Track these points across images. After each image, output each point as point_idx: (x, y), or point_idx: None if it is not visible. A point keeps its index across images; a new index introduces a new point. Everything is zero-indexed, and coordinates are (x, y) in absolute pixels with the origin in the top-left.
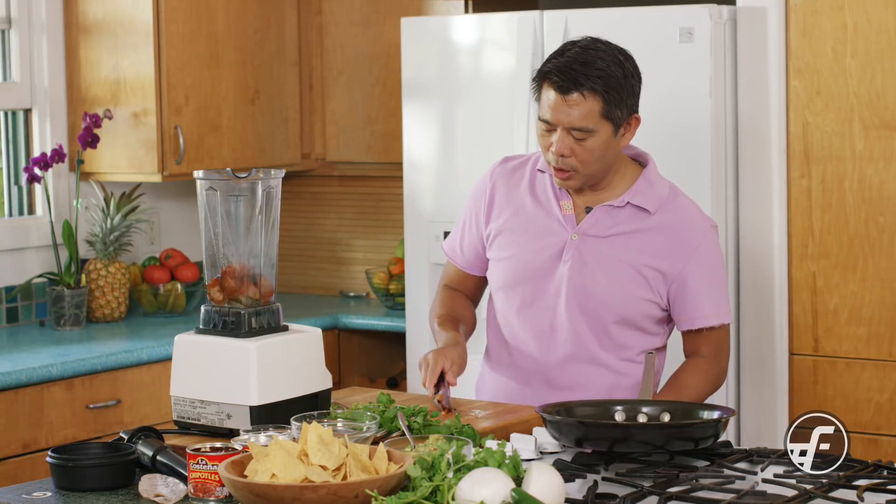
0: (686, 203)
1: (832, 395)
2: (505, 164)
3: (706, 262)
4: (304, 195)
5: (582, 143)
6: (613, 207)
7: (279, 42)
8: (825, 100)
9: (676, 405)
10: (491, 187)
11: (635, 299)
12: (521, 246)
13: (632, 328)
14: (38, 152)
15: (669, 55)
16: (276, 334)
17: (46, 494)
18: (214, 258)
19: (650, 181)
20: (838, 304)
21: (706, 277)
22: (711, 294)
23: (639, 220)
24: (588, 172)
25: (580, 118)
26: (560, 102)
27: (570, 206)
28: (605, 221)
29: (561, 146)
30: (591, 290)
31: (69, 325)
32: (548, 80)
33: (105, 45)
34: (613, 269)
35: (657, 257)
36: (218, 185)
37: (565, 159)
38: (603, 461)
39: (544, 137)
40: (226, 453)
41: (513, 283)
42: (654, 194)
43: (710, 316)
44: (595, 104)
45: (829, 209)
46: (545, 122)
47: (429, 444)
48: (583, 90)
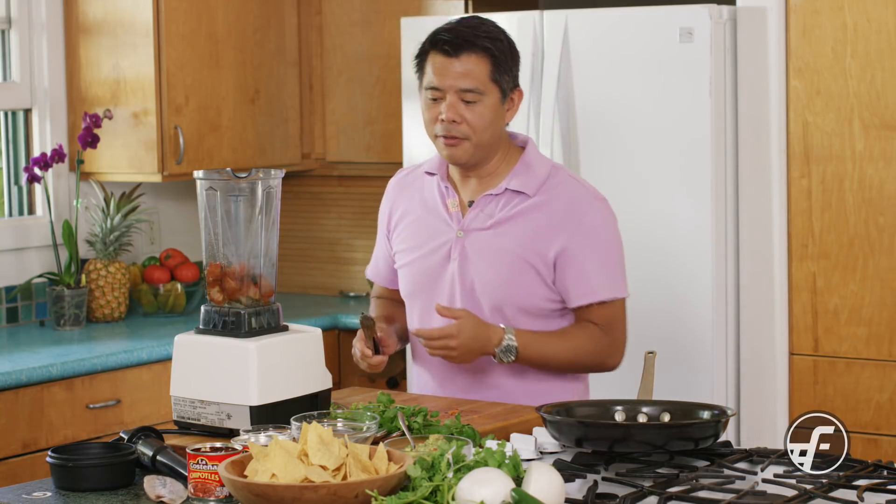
0: (565, 179)
1: (832, 396)
2: (398, 176)
3: (591, 233)
4: (304, 195)
5: (472, 106)
6: (493, 196)
7: (279, 42)
8: (825, 100)
9: (676, 405)
10: (390, 203)
11: (526, 287)
12: (414, 253)
13: (537, 317)
14: (38, 152)
15: (669, 55)
16: (276, 334)
17: (46, 494)
18: (214, 258)
19: (527, 164)
20: (838, 304)
21: (593, 250)
22: (601, 267)
23: (518, 204)
24: (478, 141)
25: (471, 79)
26: (449, 65)
27: (456, 204)
28: (486, 212)
29: (451, 112)
30: (480, 284)
31: (69, 325)
32: (435, 47)
33: (105, 44)
34: (497, 260)
35: (538, 239)
36: (218, 185)
37: (456, 125)
38: (603, 461)
39: (431, 109)
40: (226, 453)
41: (413, 290)
42: (533, 176)
43: (598, 289)
44: (484, 66)
45: (830, 209)
46: (433, 89)
47: (429, 444)
48: (474, 50)
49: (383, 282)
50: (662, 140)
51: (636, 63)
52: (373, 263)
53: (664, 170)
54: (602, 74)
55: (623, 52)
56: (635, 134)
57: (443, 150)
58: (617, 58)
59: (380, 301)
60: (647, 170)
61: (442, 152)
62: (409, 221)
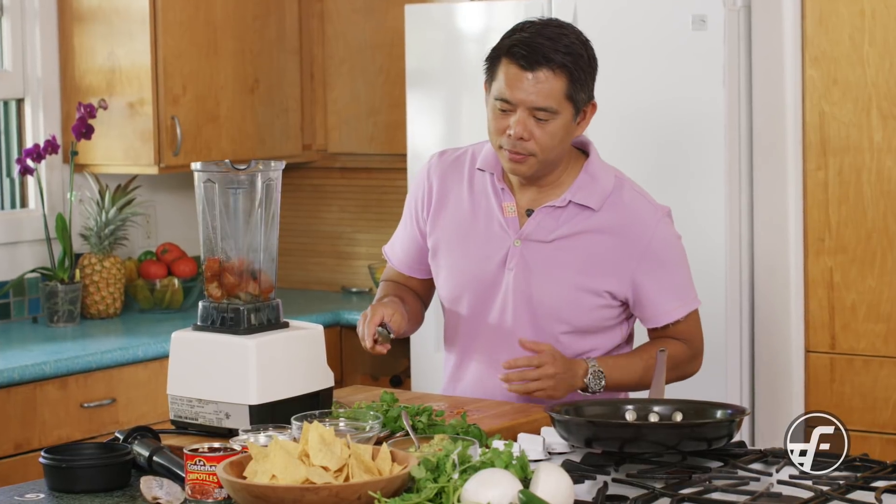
0: (632, 195)
1: (849, 394)
2: (442, 159)
3: (660, 255)
4: (304, 188)
5: (543, 125)
6: (555, 208)
7: (279, 30)
8: (842, 89)
9: (689, 404)
10: (430, 185)
11: (585, 308)
12: (462, 254)
13: (585, 334)
14: (31, 143)
15: (682, 43)
16: (277, 331)
17: (39, 496)
18: (213, 253)
19: (593, 175)
20: (856, 299)
21: (663, 272)
22: (671, 287)
23: (583, 220)
24: (545, 158)
25: (545, 97)
26: (524, 79)
27: (513, 209)
28: (547, 224)
29: (520, 128)
30: (538, 300)
31: (63, 321)
32: (510, 55)
33: (100, 32)
34: (560, 277)
35: (605, 262)
36: (216, 177)
37: (523, 143)
38: (613, 462)
39: (499, 119)
40: (224, 454)
41: (458, 294)
42: (598, 189)
43: (673, 310)
44: (561, 83)
45: (847, 202)
46: (503, 101)
47: (433, 445)
48: (551, 66)
49: (400, 265)
50: (674, 131)
51: (647, 51)
52: (395, 244)
53: (676, 161)
54: (612, 63)
55: (634, 40)
56: (646, 124)
57: (506, 162)
58: (627, 46)
59: (391, 284)
60: (658, 161)
61: (505, 164)
62: (455, 213)
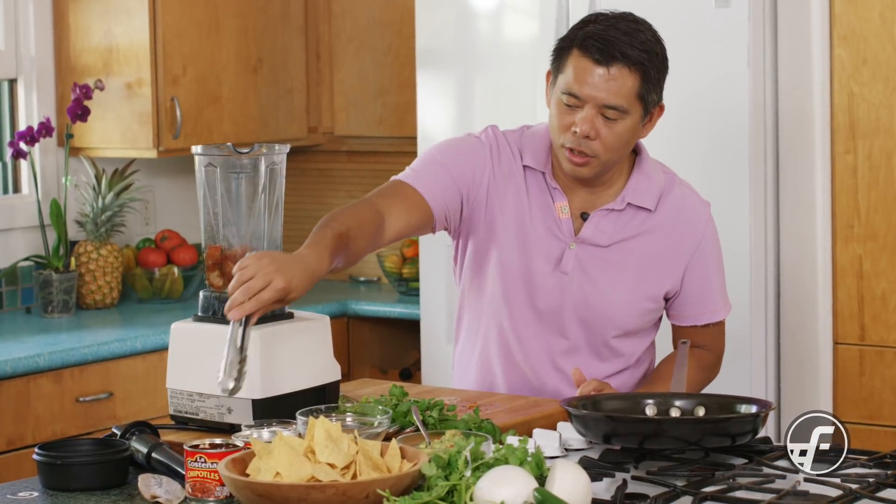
0: (682, 191)
1: (879, 388)
2: (499, 139)
3: (708, 253)
4: (310, 172)
5: (611, 124)
6: (613, 211)
7: (283, 7)
8: (872, 69)
9: (712, 398)
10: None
11: (639, 312)
12: (513, 250)
13: (630, 337)
14: (24, 126)
15: (705, 22)
16: (281, 322)
17: (33, 495)
18: (214, 240)
19: (646, 174)
20: (886, 289)
21: (711, 270)
22: (719, 287)
23: (640, 222)
24: (608, 160)
25: (616, 94)
26: (596, 74)
27: (566, 209)
28: (605, 227)
29: (587, 126)
30: (593, 305)
31: (57, 312)
32: (583, 47)
33: (96, 9)
34: (618, 281)
35: (661, 260)
36: (218, 161)
37: (588, 142)
38: (633, 459)
39: (564, 115)
40: (226, 450)
41: (507, 291)
42: (653, 189)
43: (719, 310)
44: (634, 81)
45: (877, 187)
46: (571, 95)
47: (445, 441)
48: (627, 63)
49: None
50: (697, 113)
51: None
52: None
53: (698, 145)
54: None
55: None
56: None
57: (566, 163)
58: None
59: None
60: (679, 145)
61: (564, 165)
62: (503, 203)
